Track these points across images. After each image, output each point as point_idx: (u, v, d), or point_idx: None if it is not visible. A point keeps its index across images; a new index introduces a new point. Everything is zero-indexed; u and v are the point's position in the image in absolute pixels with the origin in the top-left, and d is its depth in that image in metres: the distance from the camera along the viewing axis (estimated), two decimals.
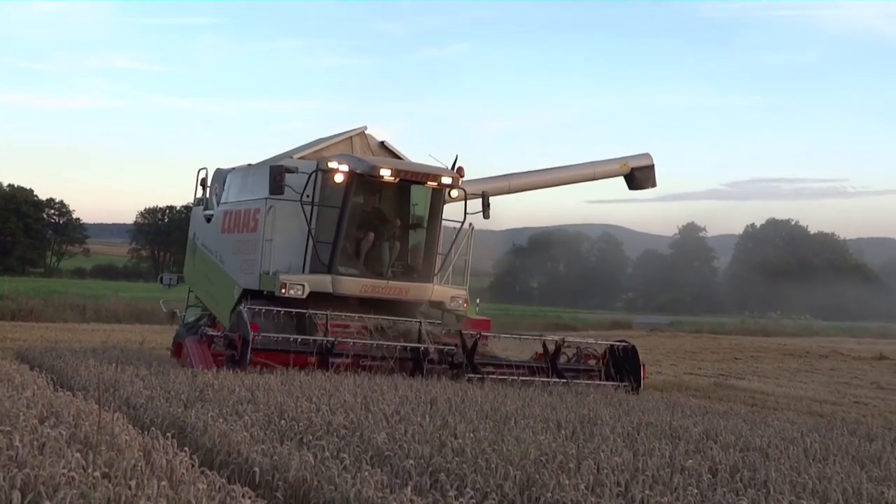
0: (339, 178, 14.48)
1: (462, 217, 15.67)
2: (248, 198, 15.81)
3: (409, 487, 5.84)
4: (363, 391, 10.83)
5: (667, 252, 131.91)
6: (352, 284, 14.68)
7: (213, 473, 5.63)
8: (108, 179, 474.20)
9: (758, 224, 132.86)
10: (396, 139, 16.55)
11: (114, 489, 4.81)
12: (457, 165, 15.63)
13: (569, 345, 15.15)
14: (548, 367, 14.38)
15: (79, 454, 5.48)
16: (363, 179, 14.68)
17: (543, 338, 15.24)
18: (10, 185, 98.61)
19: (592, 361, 15.21)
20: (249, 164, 16.77)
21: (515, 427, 8.82)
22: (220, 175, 17.43)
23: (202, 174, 18.01)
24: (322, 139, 16.16)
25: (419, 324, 14.13)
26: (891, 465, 7.83)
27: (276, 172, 14.20)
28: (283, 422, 8.32)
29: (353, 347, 13.53)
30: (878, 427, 11.75)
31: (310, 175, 14.63)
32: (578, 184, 19.86)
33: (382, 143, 16.18)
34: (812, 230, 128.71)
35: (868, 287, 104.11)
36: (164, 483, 5.02)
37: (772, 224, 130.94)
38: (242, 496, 5.16)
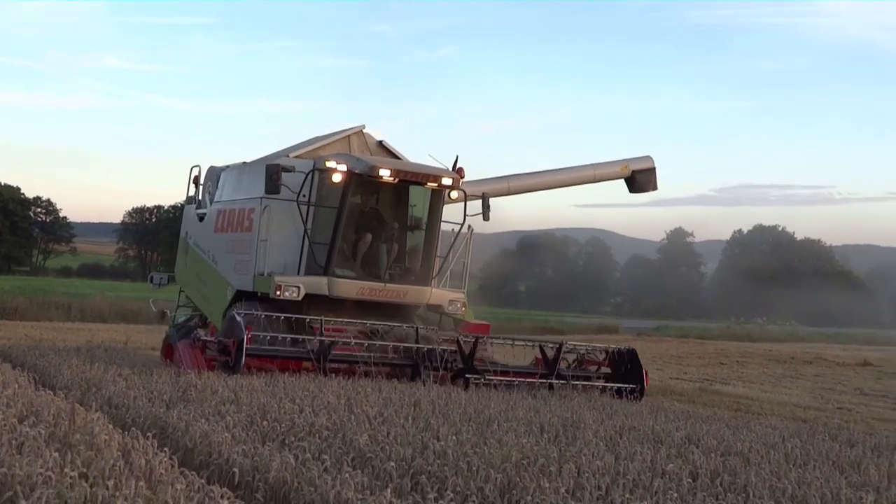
0: (337, 178, 14.10)
1: (461, 219, 15.26)
2: (243, 196, 15.50)
3: (389, 489, 5.83)
4: (347, 393, 10.79)
5: (654, 257, 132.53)
6: (348, 287, 14.32)
7: (193, 474, 5.60)
8: (96, 178, 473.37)
9: (745, 230, 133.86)
10: (390, 140, 16.12)
11: (90, 489, 4.79)
12: (457, 166, 15.30)
13: (569, 349, 14.59)
14: (549, 374, 13.82)
15: (57, 454, 5.44)
16: (361, 179, 14.29)
17: (544, 345, 14.53)
18: None
19: (593, 367, 14.79)
20: (244, 162, 16.41)
21: (498, 430, 8.79)
22: (214, 173, 17.04)
23: (195, 172, 17.63)
24: (319, 137, 15.81)
25: (415, 329, 13.75)
26: (870, 471, 7.87)
27: (273, 171, 13.81)
28: (266, 423, 8.28)
29: (351, 349, 13.15)
30: (860, 433, 11.81)
31: (307, 174, 14.26)
32: (578, 186, 19.45)
33: (381, 143, 15.82)
34: (799, 236, 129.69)
35: (854, 294, 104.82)
36: (142, 483, 5.00)
37: (759, 230, 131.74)
38: (221, 497, 5.14)
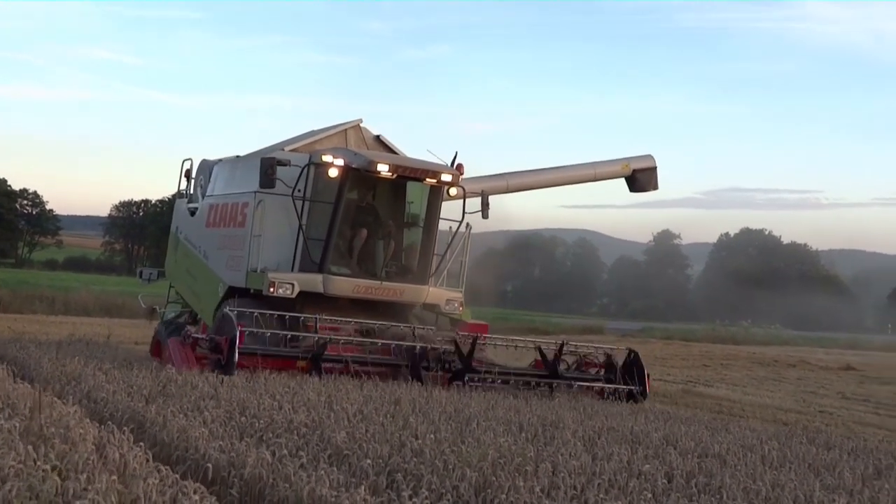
0: (334, 173, 13.80)
1: (460, 216, 14.96)
2: (236, 191, 15.19)
3: (364, 487, 5.82)
4: (328, 390, 10.79)
5: (641, 258, 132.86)
6: (344, 284, 14.02)
7: (167, 469, 5.58)
8: (84, 171, 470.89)
9: (732, 233, 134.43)
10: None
11: (62, 482, 4.77)
12: (456, 162, 14.99)
13: (569, 350, 14.39)
14: (550, 375, 13.75)
15: (30, 446, 5.42)
16: (359, 174, 13.95)
17: (543, 347, 14.36)
18: None
19: (593, 370, 14.62)
20: (237, 156, 16.13)
21: (477, 429, 8.81)
22: (206, 167, 16.74)
23: (186, 165, 17.37)
24: (315, 131, 15.50)
25: (412, 329, 13.56)
26: (844, 474, 7.92)
27: (268, 165, 13.52)
28: (244, 419, 8.28)
29: (347, 349, 12.97)
30: (838, 436, 11.88)
31: (302, 168, 13.95)
32: (578, 185, 19.22)
33: (378, 138, 15.54)
34: (785, 240, 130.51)
35: (838, 298, 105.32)
36: (115, 477, 4.98)
37: (746, 233, 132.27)
38: (194, 492, 5.13)
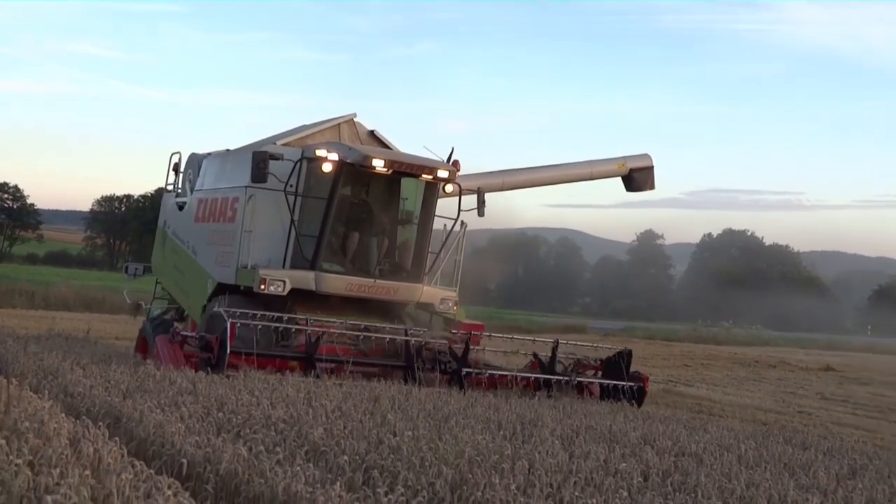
0: (328, 168, 13.50)
1: (455, 214, 14.75)
2: (227, 185, 14.93)
3: (340, 483, 5.81)
4: (307, 386, 10.75)
5: (624, 258, 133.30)
6: (336, 282, 13.76)
7: (142, 464, 5.56)
8: (65, 165, 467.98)
9: (714, 234, 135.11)
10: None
11: (35, 477, 4.74)
12: (452, 158, 14.73)
13: (564, 352, 14.22)
14: (547, 377, 13.51)
15: (3, 441, 5.39)
16: (353, 170, 13.65)
17: (540, 352, 14.17)
18: None
19: (591, 372, 14.43)
20: (228, 150, 15.90)
21: (455, 426, 8.80)
22: (195, 160, 16.45)
23: (175, 159, 17.10)
24: (308, 125, 15.26)
25: (405, 329, 13.34)
26: (819, 473, 7.97)
27: (260, 159, 13.26)
28: (222, 414, 8.23)
29: (341, 348, 12.77)
30: (815, 436, 11.95)
31: (295, 163, 13.72)
32: (574, 183, 19.03)
33: (372, 132, 15.32)
34: (767, 241, 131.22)
35: (819, 299, 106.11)
36: (88, 472, 4.95)
37: (728, 234, 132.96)
38: (168, 487, 5.10)
